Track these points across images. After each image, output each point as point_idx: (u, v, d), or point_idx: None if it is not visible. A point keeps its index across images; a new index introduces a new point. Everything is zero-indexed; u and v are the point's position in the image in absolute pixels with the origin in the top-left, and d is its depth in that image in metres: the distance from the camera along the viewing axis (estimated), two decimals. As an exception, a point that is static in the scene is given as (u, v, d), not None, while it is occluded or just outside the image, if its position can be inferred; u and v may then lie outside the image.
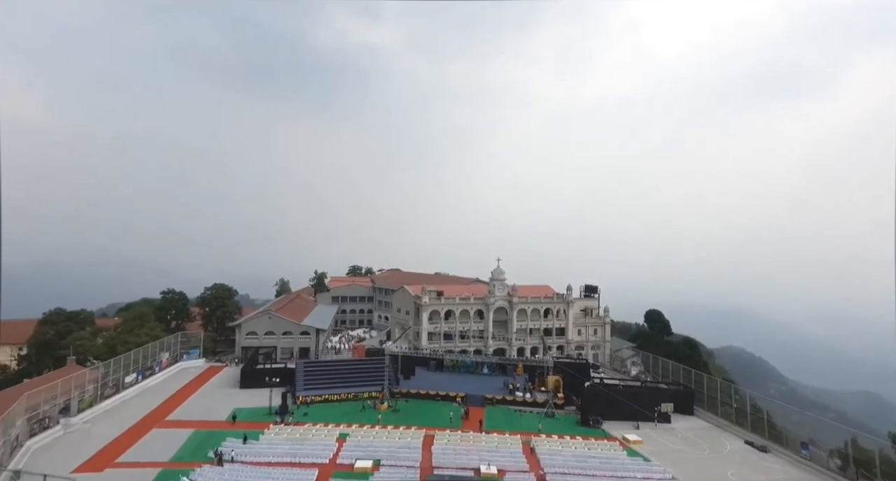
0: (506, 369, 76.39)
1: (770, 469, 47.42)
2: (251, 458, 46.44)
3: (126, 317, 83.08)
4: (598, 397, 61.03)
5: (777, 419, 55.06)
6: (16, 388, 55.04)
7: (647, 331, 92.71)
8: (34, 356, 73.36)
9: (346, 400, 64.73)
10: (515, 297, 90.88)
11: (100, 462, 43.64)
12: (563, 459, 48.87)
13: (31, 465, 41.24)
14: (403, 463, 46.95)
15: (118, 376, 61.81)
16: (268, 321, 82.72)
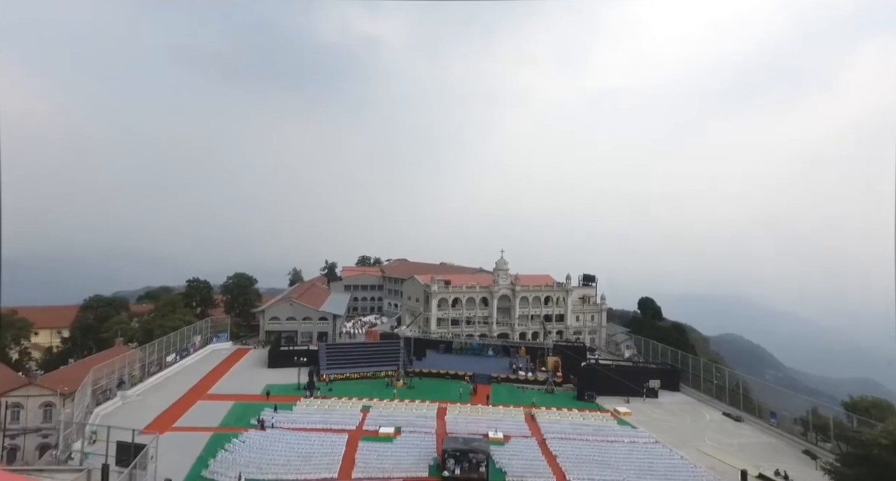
0: (509, 351, 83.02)
1: (742, 434, 54.34)
2: (288, 425, 53.27)
3: (158, 304, 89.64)
4: (593, 375, 67.81)
5: (753, 394, 61.74)
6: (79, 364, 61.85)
7: (641, 317, 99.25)
8: (78, 338, 79.94)
9: (365, 378, 71.42)
10: (518, 286, 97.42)
11: (159, 426, 50.27)
12: (560, 427, 55.72)
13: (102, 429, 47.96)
14: (421, 429, 53.70)
15: (160, 356, 68.51)
16: (289, 307, 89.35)
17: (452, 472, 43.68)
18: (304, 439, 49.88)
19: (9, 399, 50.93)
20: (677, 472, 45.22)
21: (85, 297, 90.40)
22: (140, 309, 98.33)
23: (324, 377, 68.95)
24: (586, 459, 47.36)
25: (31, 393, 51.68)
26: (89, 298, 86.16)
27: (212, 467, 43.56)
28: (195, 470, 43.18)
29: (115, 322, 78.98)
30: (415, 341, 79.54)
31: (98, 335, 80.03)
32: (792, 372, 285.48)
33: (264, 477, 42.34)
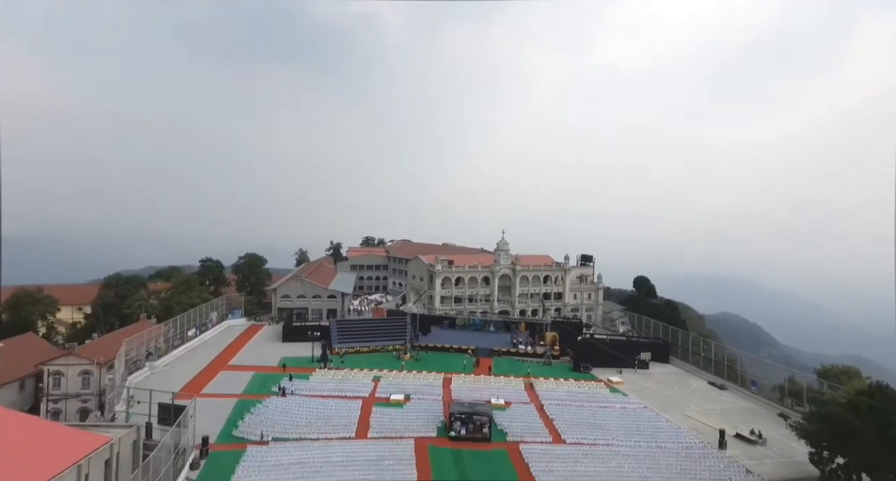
0: (510, 327, 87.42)
1: (724, 401, 58.96)
2: (306, 392, 57.79)
3: (175, 283, 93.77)
4: (589, 349, 72.28)
5: (737, 365, 66.26)
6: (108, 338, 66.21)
7: (636, 295, 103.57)
8: (101, 314, 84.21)
9: (375, 352, 75.87)
10: (518, 266, 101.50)
11: (188, 392, 54.73)
12: (557, 394, 60.29)
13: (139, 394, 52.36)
14: (428, 396, 58.23)
15: (182, 330, 72.85)
16: (299, 286, 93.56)
17: (458, 433, 48.26)
18: (321, 404, 54.41)
19: (51, 367, 55.34)
20: (662, 433, 49.80)
21: (88, 277, 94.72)
22: (156, 287, 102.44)
23: (336, 350, 73.36)
24: (580, 422, 51.93)
25: (71, 362, 56.09)
26: (109, 277, 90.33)
27: (240, 428, 48.15)
28: (226, 429, 47.77)
29: (135, 299, 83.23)
30: (420, 317, 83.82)
31: (119, 311, 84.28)
32: (787, 349, 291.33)
33: (288, 436, 46.95)
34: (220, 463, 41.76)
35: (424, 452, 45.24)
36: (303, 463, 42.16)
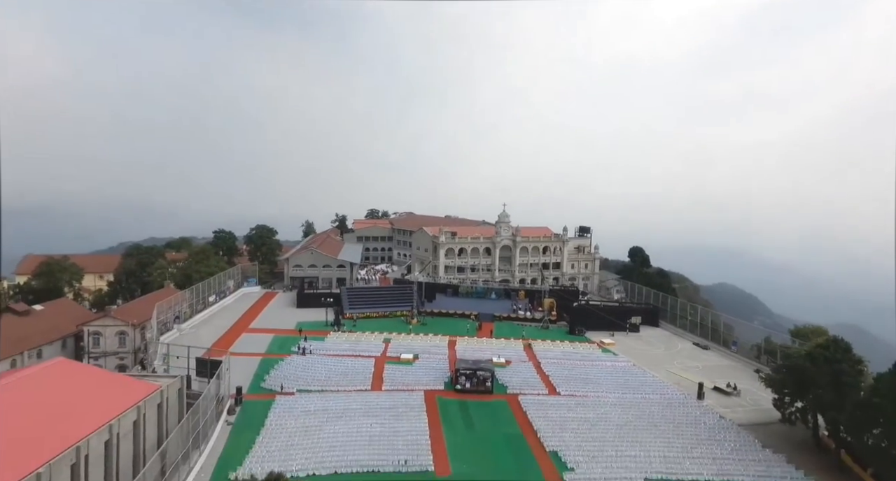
0: (510, 294, 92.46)
1: (706, 359, 64.42)
2: (323, 352, 63.05)
3: (191, 252, 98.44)
4: (584, 314, 77.44)
5: (721, 327, 71.50)
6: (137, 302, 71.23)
7: (631, 264, 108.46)
8: (123, 281, 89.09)
9: (384, 317, 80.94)
10: (518, 237, 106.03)
11: (216, 352, 59.91)
12: (553, 354, 65.64)
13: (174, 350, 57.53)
14: (435, 356, 63.49)
15: (203, 297, 77.81)
16: (310, 255, 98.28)
17: (464, 386, 53.60)
18: (338, 362, 59.72)
19: (90, 327, 60.41)
20: (647, 386, 55.18)
21: (92, 248, 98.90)
22: (172, 257, 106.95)
23: (349, 315, 78.45)
24: (573, 377, 57.29)
25: (108, 323, 61.20)
26: (130, 247, 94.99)
27: (267, 381, 53.56)
28: (255, 382, 53.13)
29: (156, 267, 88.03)
30: (425, 285, 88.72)
31: (141, 278, 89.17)
32: (780, 319, 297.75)
33: (311, 388, 52.29)
34: (253, 409, 47.15)
35: (433, 402, 50.62)
36: (327, 410, 47.57)
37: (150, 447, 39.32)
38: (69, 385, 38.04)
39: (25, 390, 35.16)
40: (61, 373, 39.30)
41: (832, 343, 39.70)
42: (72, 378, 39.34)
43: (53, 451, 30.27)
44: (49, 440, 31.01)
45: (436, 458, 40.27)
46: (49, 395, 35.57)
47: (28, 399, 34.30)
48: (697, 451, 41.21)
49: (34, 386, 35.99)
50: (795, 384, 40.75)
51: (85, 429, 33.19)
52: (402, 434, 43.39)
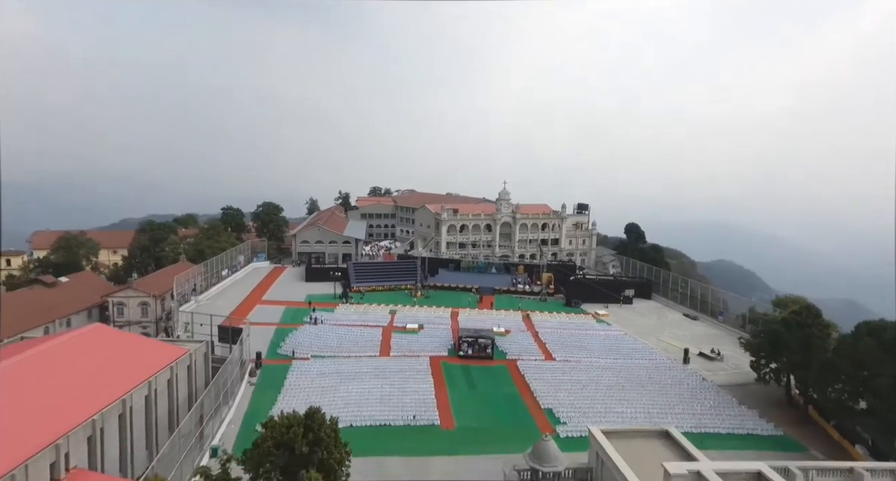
0: (510, 269, 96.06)
1: (694, 328, 68.39)
2: (333, 322, 66.88)
3: (202, 229, 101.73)
4: (580, 287, 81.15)
5: (709, 299, 75.30)
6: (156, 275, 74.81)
7: (626, 240, 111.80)
8: (138, 256, 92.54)
9: (389, 291, 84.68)
10: (518, 214, 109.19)
11: (235, 320, 63.75)
12: (550, 324, 69.54)
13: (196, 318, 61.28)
14: (439, 326, 67.33)
15: (217, 270, 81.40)
16: (317, 232, 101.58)
17: (466, 352, 57.51)
18: (348, 331, 63.60)
19: (115, 298, 64.17)
20: (637, 352, 59.15)
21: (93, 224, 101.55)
22: (185, 232, 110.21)
23: (355, 288, 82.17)
24: (568, 344, 61.21)
25: (131, 294, 64.89)
26: (144, 223, 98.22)
27: (283, 347, 57.48)
28: (272, 349, 57.07)
29: (170, 243, 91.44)
30: (428, 260, 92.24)
31: (154, 253, 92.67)
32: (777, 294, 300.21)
33: (324, 354, 56.21)
34: (272, 372, 51.12)
35: (438, 367, 54.58)
36: (340, 372, 51.53)
37: (181, 403, 43.41)
38: (109, 347, 41.87)
39: (72, 351, 38.95)
40: (100, 337, 43.11)
41: (804, 309, 43.32)
42: (110, 341, 43.16)
43: (104, 403, 34.20)
44: (99, 394, 34.89)
45: (441, 414, 44.36)
46: (93, 356, 39.39)
47: (76, 358, 38.11)
48: (679, 408, 45.24)
49: (79, 347, 39.78)
50: (771, 347, 44.53)
51: (127, 386, 37.11)
52: (410, 393, 47.38)
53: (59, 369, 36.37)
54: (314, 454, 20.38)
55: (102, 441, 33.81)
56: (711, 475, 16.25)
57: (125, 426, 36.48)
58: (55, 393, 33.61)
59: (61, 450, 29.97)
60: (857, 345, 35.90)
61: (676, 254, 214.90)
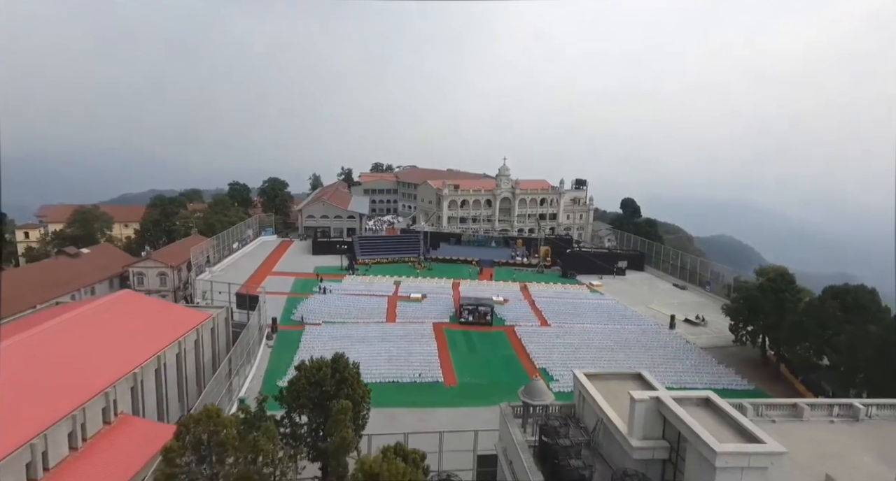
0: (508, 243, 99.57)
1: (683, 297, 72.34)
2: (342, 292, 70.71)
3: (211, 203, 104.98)
4: (576, 259, 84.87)
5: (697, 270, 79.05)
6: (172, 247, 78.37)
7: (622, 215, 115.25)
8: (150, 229, 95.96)
9: (392, 263, 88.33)
10: (518, 189, 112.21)
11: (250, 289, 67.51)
12: (546, 294, 73.36)
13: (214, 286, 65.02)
14: (441, 295, 71.15)
15: (228, 244, 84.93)
16: (322, 207, 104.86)
17: (467, 319, 61.44)
18: (355, 300, 67.47)
19: (135, 268, 67.87)
20: (627, 319, 63.13)
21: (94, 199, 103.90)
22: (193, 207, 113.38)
23: (361, 261, 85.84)
24: (562, 311, 65.16)
25: (150, 265, 68.55)
26: (154, 197, 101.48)
27: (296, 314, 61.36)
28: (285, 315, 60.94)
29: (180, 217, 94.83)
30: (430, 234, 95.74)
31: (165, 227, 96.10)
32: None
33: (334, 320, 60.14)
34: (287, 336, 55.12)
35: (441, 332, 58.54)
36: (350, 336, 55.54)
37: (206, 363, 47.48)
38: (140, 311, 45.65)
39: (110, 313, 42.76)
40: (132, 302, 46.90)
41: (779, 276, 46.99)
42: (140, 306, 46.93)
43: (142, 358, 38.13)
44: (137, 351, 38.79)
45: (444, 372, 48.48)
46: (128, 317, 43.20)
47: (114, 319, 41.95)
48: (663, 367, 49.23)
49: (115, 310, 43.57)
50: (748, 311, 48.37)
51: (161, 344, 41.02)
52: (415, 354, 51.45)
53: (101, 328, 40.24)
54: (341, 390, 24.10)
55: (143, 391, 37.91)
56: (668, 399, 19.88)
57: (161, 380, 40.56)
58: (101, 348, 37.49)
59: (110, 397, 34.00)
60: (822, 307, 39.62)
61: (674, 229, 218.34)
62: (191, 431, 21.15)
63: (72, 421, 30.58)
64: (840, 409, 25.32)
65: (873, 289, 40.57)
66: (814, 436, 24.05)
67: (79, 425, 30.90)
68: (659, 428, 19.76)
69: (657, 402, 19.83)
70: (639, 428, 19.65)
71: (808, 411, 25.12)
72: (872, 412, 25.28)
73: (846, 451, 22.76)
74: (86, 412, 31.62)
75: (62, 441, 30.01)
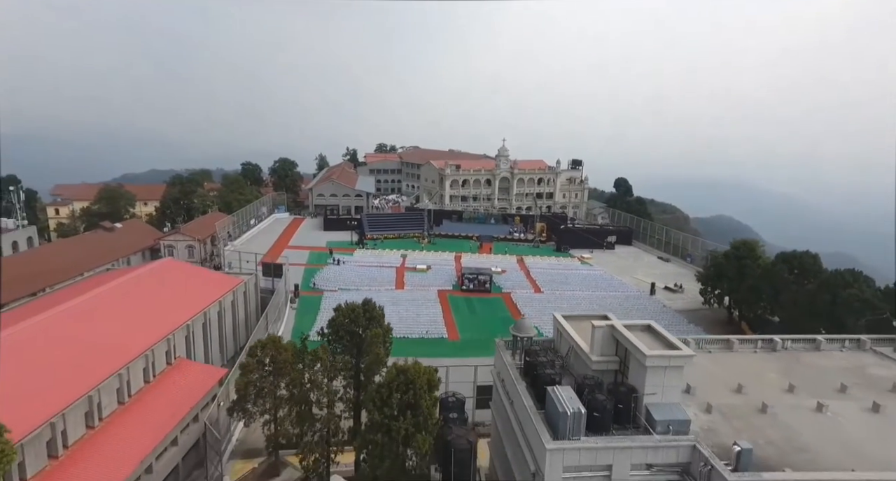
0: (507, 220, 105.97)
1: (665, 268, 79.12)
2: (354, 263, 77.37)
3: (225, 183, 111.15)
4: (569, 235, 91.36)
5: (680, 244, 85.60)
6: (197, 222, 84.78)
7: (616, 193, 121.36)
8: (170, 207, 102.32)
9: (398, 238, 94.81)
10: (516, 169, 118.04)
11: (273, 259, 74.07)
12: (540, 266, 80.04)
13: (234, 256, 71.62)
14: (444, 267, 77.86)
15: (246, 220, 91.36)
16: (331, 186, 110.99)
17: (468, 287, 68.17)
18: (367, 270, 74.17)
19: (165, 241, 74.46)
20: (613, 287, 69.89)
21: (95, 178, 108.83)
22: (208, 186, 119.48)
23: (369, 236, 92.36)
24: (555, 281, 71.92)
25: (179, 238, 75.13)
26: (173, 177, 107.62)
27: (314, 283, 68.05)
28: (304, 283, 67.66)
29: (198, 195, 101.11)
30: (434, 212, 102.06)
31: (185, 204, 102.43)
32: (773, 248, 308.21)
33: (349, 288, 66.83)
34: (308, 301, 61.95)
35: (445, 298, 65.34)
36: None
37: (240, 321, 54.39)
38: (182, 276, 52.37)
39: (158, 277, 49.46)
40: (174, 269, 53.60)
41: (741, 244, 53.48)
42: (182, 272, 53.64)
43: (192, 313, 44.87)
44: (186, 307, 45.52)
45: (448, 330, 55.40)
46: (174, 281, 49.94)
47: (163, 281, 48.68)
48: (640, 326, 56.02)
49: (163, 274, 50.28)
50: (715, 277, 54.98)
51: (204, 303, 47.75)
52: (423, 316, 58.32)
53: (156, 288, 47.01)
54: (370, 325, 30.76)
55: (193, 341, 44.80)
56: (619, 326, 26.37)
57: (207, 332, 47.46)
58: (159, 304, 44.28)
59: (171, 343, 40.91)
60: (774, 271, 46.14)
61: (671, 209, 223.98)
62: (259, 353, 27.88)
63: (145, 359, 37.55)
64: (762, 343, 32.10)
65: (816, 254, 46.92)
66: (739, 362, 30.87)
67: (150, 363, 37.89)
68: (612, 347, 26.38)
69: (612, 328, 26.43)
70: (597, 348, 26.30)
71: (737, 344, 31.88)
72: (788, 345, 32.02)
73: (760, 370, 29.57)
74: (154, 353, 38.57)
75: (139, 374, 37.02)
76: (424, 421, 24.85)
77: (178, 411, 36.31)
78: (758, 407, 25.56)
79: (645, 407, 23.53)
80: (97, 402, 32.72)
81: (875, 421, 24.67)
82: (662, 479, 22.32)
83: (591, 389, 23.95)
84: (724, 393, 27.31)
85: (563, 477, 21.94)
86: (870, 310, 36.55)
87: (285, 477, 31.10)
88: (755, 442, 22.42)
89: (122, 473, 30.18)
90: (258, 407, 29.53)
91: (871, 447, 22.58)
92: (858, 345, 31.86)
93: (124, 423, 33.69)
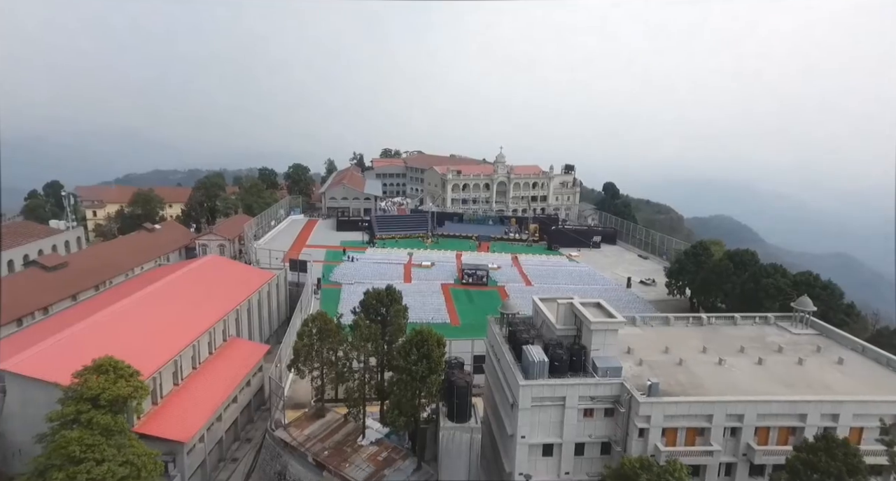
0: (503, 221, 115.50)
1: (644, 265, 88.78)
2: (366, 260, 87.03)
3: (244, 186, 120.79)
4: (559, 235, 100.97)
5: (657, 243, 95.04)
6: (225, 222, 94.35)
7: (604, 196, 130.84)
8: (196, 209, 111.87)
9: (405, 238, 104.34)
10: (512, 174, 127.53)
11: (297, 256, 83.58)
12: (532, 262, 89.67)
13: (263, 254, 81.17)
14: (446, 263, 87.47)
15: (267, 221, 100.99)
16: (343, 189, 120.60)
17: (467, 281, 77.79)
18: (378, 266, 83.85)
19: (199, 241, 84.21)
20: (595, 280, 79.53)
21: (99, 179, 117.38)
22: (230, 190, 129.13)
23: (379, 236, 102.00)
24: (545, 275, 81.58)
25: (212, 238, 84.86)
26: (199, 181, 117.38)
27: (333, 277, 77.71)
28: (324, 277, 77.30)
29: (222, 198, 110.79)
30: (436, 214, 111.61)
31: (209, 206, 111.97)
32: (773, 249, 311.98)
33: (363, 281, 76.41)
34: (330, 292, 71.54)
35: (447, 290, 74.93)
36: (377, 292, 71.81)
37: (272, 309, 64.06)
38: (226, 270, 62.07)
39: (207, 270, 59.11)
40: (218, 264, 63.27)
41: (699, 244, 63.04)
42: (226, 266, 63.36)
43: (238, 300, 54.52)
44: (234, 295, 55.17)
45: (450, 317, 65.00)
46: (221, 274, 59.60)
47: (212, 274, 58.35)
48: (615, 313, 65.57)
49: (210, 269, 59.92)
50: (678, 272, 64.52)
51: (247, 292, 57.42)
52: (428, 305, 67.92)
53: (207, 279, 56.69)
54: (392, 304, 40.45)
55: (239, 323, 54.50)
56: (576, 303, 35.98)
57: (252, 317, 57.17)
58: (213, 292, 53.98)
59: (226, 323, 50.63)
60: (721, 265, 55.69)
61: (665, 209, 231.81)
62: (310, 324, 37.53)
63: (209, 334, 47.25)
64: (692, 320, 41.72)
65: (754, 251, 56.34)
66: (672, 333, 40.51)
67: (213, 338, 47.63)
68: (572, 319, 35.99)
69: (571, 305, 36.07)
70: (560, 319, 35.92)
71: (672, 320, 41.51)
72: (712, 321, 41.65)
73: (687, 339, 39.17)
74: (214, 332, 48.28)
75: (205, 346, 46.71)
76: (435, 367, 34.68)
77: (238, 374, 46.15)
78: (676, 362, 35.19)
79: (592, 359, 33.16)
80: (180, 365, 42.50)
81: (758, 370, 34.28)
82: (601, 406, 31.98)
83: (553, 347, 33.60)
84: (655, 353, 36.94)
85: (532, 405, 31.56)
86: (782, 295, 46.01)
87: (329, 417, 40.73)
88: (667, 383, 32.14)
89: (205, 417, 39.94)
90: (307, 365, 39.18)
91: (746, 385, 32.23)
92: (766, 320, 41.46)
93: (198, 383, 43.43)
